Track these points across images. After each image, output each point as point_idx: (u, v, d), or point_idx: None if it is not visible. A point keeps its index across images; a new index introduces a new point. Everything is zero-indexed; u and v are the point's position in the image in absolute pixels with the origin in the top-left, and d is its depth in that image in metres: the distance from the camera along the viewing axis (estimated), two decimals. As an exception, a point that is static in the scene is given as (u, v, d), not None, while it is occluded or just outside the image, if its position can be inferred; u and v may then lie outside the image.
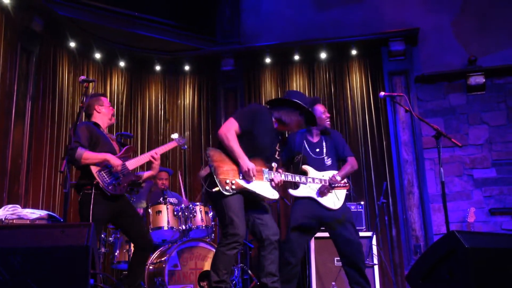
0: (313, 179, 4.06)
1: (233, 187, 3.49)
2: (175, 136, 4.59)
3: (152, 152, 4.20)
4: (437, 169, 6.45)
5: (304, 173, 4.32)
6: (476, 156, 6.60)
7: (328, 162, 4.35)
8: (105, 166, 3.90)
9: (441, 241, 3.03)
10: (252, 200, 3.65)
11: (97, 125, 4.13)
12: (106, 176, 3.89)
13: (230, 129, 3.57)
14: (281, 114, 3.74)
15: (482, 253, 2.87)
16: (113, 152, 4.04)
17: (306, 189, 4.27)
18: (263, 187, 3.62)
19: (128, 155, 4.16)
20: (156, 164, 4.21)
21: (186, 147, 4.53)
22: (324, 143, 4.42)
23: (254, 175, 3.53)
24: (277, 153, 3.81)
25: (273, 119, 3.75)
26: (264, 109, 3.81)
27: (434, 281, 2.99)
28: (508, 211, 6.38)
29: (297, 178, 3.87)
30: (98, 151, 3.93)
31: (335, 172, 4.31)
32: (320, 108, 4.43)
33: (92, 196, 3.80)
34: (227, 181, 3.49)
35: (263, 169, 3.64)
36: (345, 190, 4.33)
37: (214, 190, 3.47)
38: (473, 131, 6.67)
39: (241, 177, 3.54)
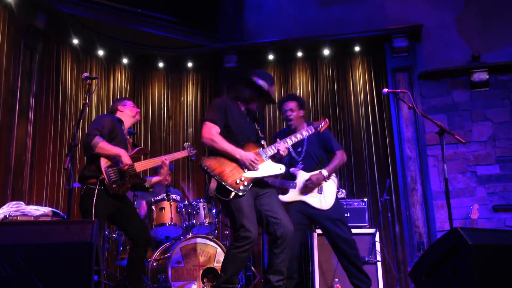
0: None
1: (245, 183, 3.51)
2: (187, 144, 4.64)
3: (163, 158, 4.23)
4: (441, 166, 6.43)
5: (293, 177, 4.35)
6: (480, 152, 6.59)
7: (301, 166, 4.36)
8: (114, 162, 3.91)
9: (445, 238, 3.03)
10: (261, 194, 3.65)
11: (120, 121, 4.20)
12: (112, 174, 3.90)
13: (212, 133, 3.59)
14: (245, 93, 3.78)
15: (485, 250, 2.87)
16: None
17: (294, 193, 4.33)
18: (268, 167, 3.65)
19: (139, 156, 4.19)
20: (164, 170, 4.24)
21: (194, 158, 4.56)
22: (305, 141, 4.40)
23: (257, 163, 3.55)
24: (259, 132, 3.84)
25: (238, 101, 3.80)
26: (226, 99, 3.87)
27: (438, 278, 2.99)
28: (511, 207, 6.36)
29: (293, 138, 3.83)
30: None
31: (323, 170, 4.34)
32: (287, 105, 4.41)
33: (96, 191, 3.81)
34: (237, 181, 3.50)
35: (258, 151, 3.66)
36: (334, 189, 4.34)
37: (231, 196, 3.47)
38: (476, 128, 6.65)
39: (246, 171, 3.55)
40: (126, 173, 3.96)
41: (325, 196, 4.28)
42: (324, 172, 4.28)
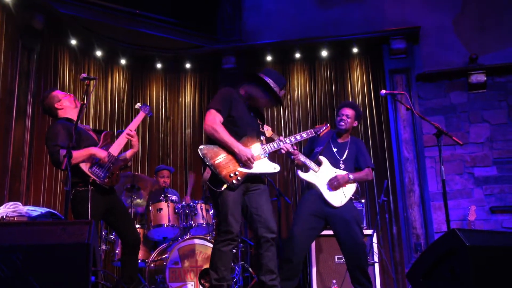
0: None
1: (239, 177, 3.52)
2: (138, 105, 4.32)
3: (127, 130, 4.12)
4: (438, 167, 6.45)
5: (319, 163, 4.32)
6: (477, 154, 6.60)
7: (342, 166, 4.35)
8: (93, 161, 3.89)
9: (442, 239, 3.03)
10: (251, 189, 3.65)
11: (70, 120, 4.04)
12: (98, 171, 3.88)
13: (215, 121, 3.58)
14: (251, 89, 3.76)
15: (483, 251, 2.87)
16: (95, 144, 4.01)
17: (314, 176, 4.27)
18: (264, 165, 3.66)
19: (108, 141, 4.12)
20: (135, 140, 4.17)
21: (152, 113, 4.35)
22: (348, 147, 4.42)
23: (253, 161, 3.56)
24: (260, 127, 3.83)
25: (244, 95, 3.79)
26: (232, 90, 3.84)
27: (435, 279, 2.99)
28: (508, 209, 6.37)
29: (292, 139, 3.84)
30: (83, 147, 3.89)
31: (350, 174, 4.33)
32: (345, 110, 4.42)
33: (89, 193, 3.80)
34: (231, 174, 3.51)
35: (257, 144, 3.66)
36: (352, 191, 4.33)
37: (223, 188, 3.48)
38: (474, 129, 6.66)
39: (241, 165, 3.56)
40: (108, 164, 3.95)
41: (345, 193, 4.26)
42: (351, 175, 4.28)
